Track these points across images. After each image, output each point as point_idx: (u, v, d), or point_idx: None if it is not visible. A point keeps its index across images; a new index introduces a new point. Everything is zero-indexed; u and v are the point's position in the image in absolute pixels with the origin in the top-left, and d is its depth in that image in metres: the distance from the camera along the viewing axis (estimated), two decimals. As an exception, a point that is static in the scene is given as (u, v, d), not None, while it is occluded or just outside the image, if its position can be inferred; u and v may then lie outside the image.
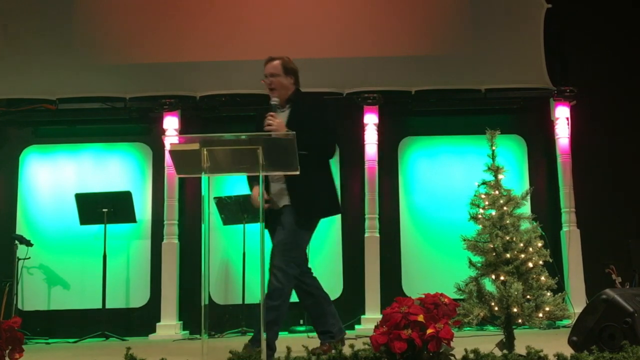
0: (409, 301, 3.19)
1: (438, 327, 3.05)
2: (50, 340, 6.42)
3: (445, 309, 3.27)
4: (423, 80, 6.89)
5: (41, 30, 7.03)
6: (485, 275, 3.61)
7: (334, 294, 6.82)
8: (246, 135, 3.74)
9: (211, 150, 3.66)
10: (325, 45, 6.97)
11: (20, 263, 6.61)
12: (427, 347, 3.03)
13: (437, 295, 3.30)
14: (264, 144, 3.66)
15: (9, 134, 7.21)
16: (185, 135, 3.90)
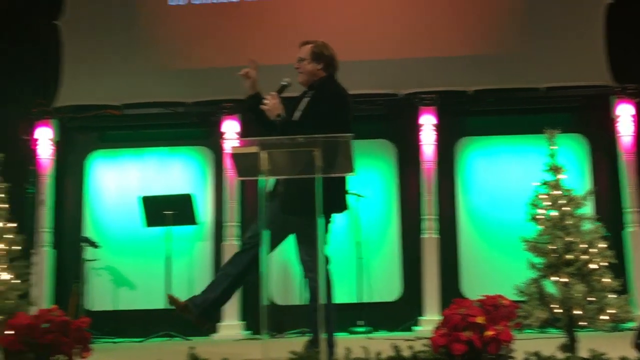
0: (468, 303, 3.20)
1: (498, 329, 3.05)
2: (117, 339, 6.62)
3: (505, 311, 3.26)
4: (480, 80, 6.84)
5: (106, 38, 7.26)
6: (546, 277, 3.58)
7: (392, 295, 6.84)
8: (303, 137, 3.79)
9: (270, 152, 3.73)
10: (381, 47, 6.99)
11: (88, 264, 6.85)
12: (486, 349, 3.03)
13: (496, 297, 3.29)
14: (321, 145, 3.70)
15: (76, 139, 7.47)
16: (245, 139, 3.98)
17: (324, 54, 4.18)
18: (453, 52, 6.89)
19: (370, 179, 7.01)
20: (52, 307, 3.55)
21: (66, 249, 7.15)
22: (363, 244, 6.70)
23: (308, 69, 4.17)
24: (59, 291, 7.02)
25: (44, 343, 3.31)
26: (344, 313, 6.60)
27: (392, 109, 7.02)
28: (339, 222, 6.67)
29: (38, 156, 7.04)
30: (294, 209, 4.02)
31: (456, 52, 6.89)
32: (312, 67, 4.16)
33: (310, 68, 4.16)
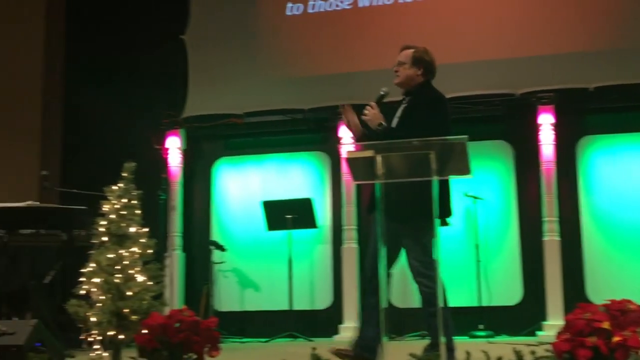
0: (592, 307, 3.12)
1: (625, 335, 2.95)
2: (243, 339, 6.87)
3: (633, 316, 3.15)
4: (602, 76, 6.57)
5: (228, 49, 7.57)
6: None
7: (513, 300, 6.70)
8: (418, 140, 3.81)
9: (385, 156, 3.78)
10: (497, 46, 6.87)
11: (215, 267, 7.16)
12: (614, 356, 2.94)
13: (623, 302, 3.18)
14: (436, 148, 3.71)
15: (202, 147, 7.82)
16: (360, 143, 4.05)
17: (424, 59, 4.17)
18: (572, 48, 6.66)
19: (488, 181, 6.90)
20: (183, 307, 3.63)
21: (195, 252, 7.49)
22: (482, 246, 6.61)
23: (407, 73, 4.17)
24: (189, 292, 7.34)
25: (176, 342, 3.40)
26: (463, 317, 6.58)
27: (510, 109, 6.88)
28: (457, 225, 6.69)
29: (169, 164, 7.44)
30: (399, 215, 3.97)
31: (575, 48, 6.66)
32: (412, 72, 4.16)
33: (409, 72, 4.17)
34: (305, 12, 7.47)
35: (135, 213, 4.24)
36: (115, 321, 3.98)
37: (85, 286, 4.09)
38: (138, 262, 4.13)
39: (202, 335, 3.51)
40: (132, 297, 4.03)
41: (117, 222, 4.17)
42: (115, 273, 4.05)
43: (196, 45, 7.67)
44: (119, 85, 7.82)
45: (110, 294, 4.02)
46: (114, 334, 4.01)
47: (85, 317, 4.03)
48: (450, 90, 6.82)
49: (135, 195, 4.27)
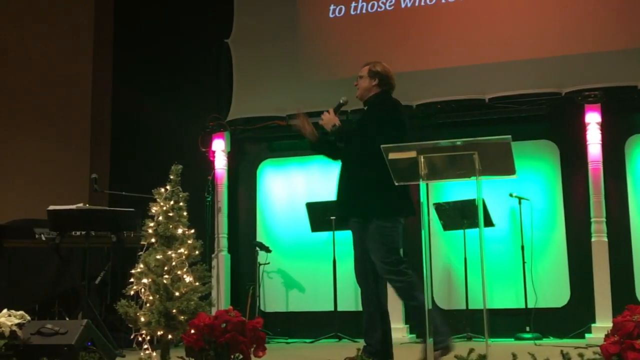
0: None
1: (676, 337, 2.91)
2: (289, 340, 6.92)
3: (684, 318, 3.09)
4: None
5: (271, 52, 7.65)
6: None
7: (561, 301, 6.60)
8: (461, 141, 3.81)
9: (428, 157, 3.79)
10: (542, 44, 6.79)
11: (261, 268, 7.23)
12: (663, 359, 2.90)
13: (674, 304, 3.12)
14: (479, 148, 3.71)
15: (247, 150, 7.92)
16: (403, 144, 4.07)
17: (379, 71, 4.47)
18: (619, 46, 6.53)
19: (534, 181, 6.82)
20: (229, 308, 3.66)
21: (241, 253, 7.58)
22: (527, 248, 6.53)
23: (364, 86, 4.48)
24: (235, 293, 7.43)
25: (223, 342, 3.44)
26: (510, 319, 6.53)
27: (555, 109, 6.78)
28: (502, 226, 6.63)
29: (214, 166, 7.55)
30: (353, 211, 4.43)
31: (622, 45, 6.52)
32: (368, 84, 4.47)
33: (366, 84, 4.47)
34: (348, 14, 7.50)
35: (182, 215, 4.29)
36: (163, 321, 4.02)
37: (135, 287, 4.15)
38: (185, 263, 4.18)
39: (248, 335, 3.54)
40: (180, 298, 4.08)
41: (165, 223, 4.22)
42: (164, 274, 4.10)
43: (240, 48, 7.78)
44: (166, 89, 7.98)
45: (159, 295, 4.08)
46: (162, 333, 4.07)
47: (134, 317, 4.09)
48: (494, 90, 6.82)
49: (182, 197, 4.32)
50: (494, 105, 6.85)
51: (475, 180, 3.77)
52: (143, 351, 4.11)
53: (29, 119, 8.36)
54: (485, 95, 6.90)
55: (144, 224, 4.30)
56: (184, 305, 4.03)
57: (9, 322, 3.75)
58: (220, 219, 7.41)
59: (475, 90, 6.92)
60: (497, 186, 6.56)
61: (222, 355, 3.49)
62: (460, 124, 6.99)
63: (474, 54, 6.95)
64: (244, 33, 7.80)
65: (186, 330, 3.69)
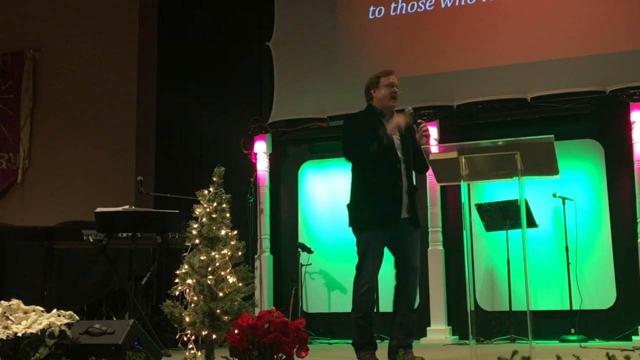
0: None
1: None
2: (332, 340, 6.95)
3: None
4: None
5: (312, 54, 7.70)
6: None
7: (606, 303, 6.49)
8: (503, 141, 3.79)
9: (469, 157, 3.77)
10: (584, 42, 6.69)
11: (303, 269, 7.27)
12: None
13: None
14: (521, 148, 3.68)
15: (288, 151, 7.97)
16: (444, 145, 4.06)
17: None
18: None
19: (578, 181, 6.72)
20: (272, 308, 3.66)
21: (283, 254, 7.64)
22: (572, 249, 6.44)
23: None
24: (278, 294, 7.50)
25: (266, 342, 3.45)
26: (554, 321, 6.44)
27: (600, 107, 6.68)
28: (546, 227, 6.55)
29: (256, 168, 7.62)
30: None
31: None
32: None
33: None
34: (387, 15, 7.50)
35: (225, 216, 4.33)
36: (207, 321, 4.06)
37: (179, 287, 4.19)
38: (228, 264, 4.21)
39: (291, 336, 3.55)
40: (224, 298, 4.11)
41: (209, 225, 4.26)
42: (207, 275, 4.14)
43: (281, 51, 7.85)
44: (208, 93, 8.09)
45: (203, 295, 4.11)
46: (206, 333, 4.11)
47: (179, 317, 4.14)
48: (535, 89, 6.75)
49: (225, 199, 4.36)
50: (536, 104, 6.78)
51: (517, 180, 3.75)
52: (188, 351, 4.14)
53: (77, 124, 8.59)
54: (528, 94, 6.83)
55: (188, 226, 4.34)
56: (227, 306, 4.07)
57: (59, 321, 3.84)
58: (263, 220, 7.47)
59: (517, 90, 6.86)
60: (540, 186, 6.49)
61: (266, 355, 3.51)
62: (502, 124, 6.94)
63: (515, 53, 6.89)
64: (285, 35, 7.87)
65: (230, 330, 3.71)
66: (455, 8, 7.22)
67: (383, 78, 4.51)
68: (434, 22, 7.29)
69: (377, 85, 4.51)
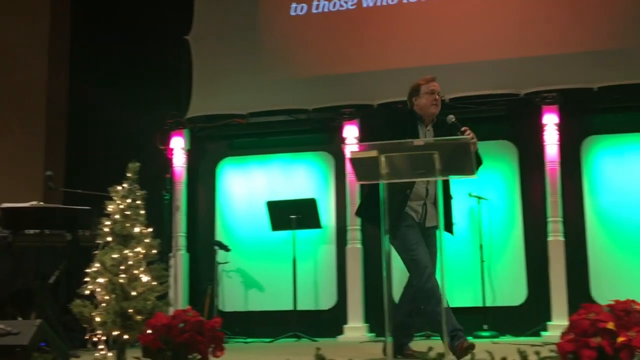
0: (597, 308, 3.10)
1: (630, 335, 2.94)
2: (248, 339, 6.87)
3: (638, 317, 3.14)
4: (606, 76, 6.56)
5: (231, 50, 7.58)
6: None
7: (518, 300, 6.69)
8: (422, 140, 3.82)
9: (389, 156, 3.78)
10: (501, 46, 6.87)
11: (219, 267, 7.16)
12: (618, 356, 2.93)
13: (628, 302, 3.17)
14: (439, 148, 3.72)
15: (206, 148, 7.83)
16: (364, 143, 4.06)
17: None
18: (576, 48, 6.66)
19: (492, 181, 6.89)
20: (187, 307, 3.63)
21: (199, 252, 7.50)
22: (486, 247, 6.60)
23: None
24: (193, 292, 7.35)
25: (181, 342, 3.40)
26: (468, 317, 6.57)
27: (514, 109, 6.87)
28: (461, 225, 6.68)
29: (173, 164, 7.45)
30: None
31: (579, 48, 6.65)
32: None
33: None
34: (310, 12, 7.48)
35: (140, 213, 4.25)
36: (119, 321, 3.98)
37: (90, 286, 4.09)
38: (142, 263, 4.14)
39: (207, 335, 3.51)
40: (137, 297, 4.03)
41: (122, 222, 4.17)
42: (120, 273, 4.05)
43: (200, 45, 7.69)
44: (124, 85, 7.85)
45: (115, 294, 4.03)
46: (118, 334, 4.01)
47: (89, 317, 4.04)
48: (454, 91, 6.87)
49: (140, 195, 4.28)
50: (454, 105, 6.89)
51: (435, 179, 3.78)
52: (98, 351, 4.05)
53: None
54: (446, 95, 6.91)
55: (100, 223, 4.23)
56: (140, 305, 3.99)
57: (-41, 322, 3.64)
58: (179, 217, 7.33)
59: (438, 91, 6.95)
60: (456, 186, 6.59)
61: (180, 355, 3.45)
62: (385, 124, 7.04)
63: (434, 55, 7.00)
64: (204, 29, 7.72)
65: (143, 330, 3.63)
66: (377, 8, 7.27)
67: (424, 86, 4.48)
68: (356, 21, 7.32)
69: (418, 92, 4.48)
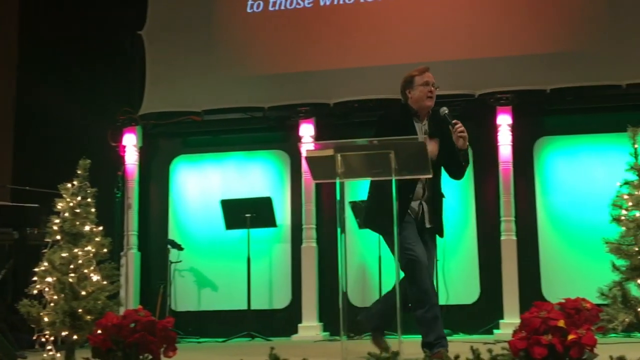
0: (548, 306, 3.15)
1: (580, 333, 2.99)
2: (201, 339, 6.81)
3: (588, 315, 3.19)
4: (558, 78, 6.68)
5: (186, 46, 7.49)
6: (631, 280, 3.49)
7: (471, 298, 6.77)
8: (378, 140, 3.82)
9: (345, 155, 3.78)
10: (456, 47, 6.93)
11: (172, 266, 7.08)
12: (569, 354, 2.97)
13: (578, 300, 3.22)
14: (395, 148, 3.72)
15: (160, 145, 7.72)
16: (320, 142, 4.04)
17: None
18: (529, 51, 6.76)
19: (446, 180, 6.92)
20: (138, 307, 3.62)
21: (151, 251, 7.40)
22: (439, 245, 6.62)
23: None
24: (145, 292, 7.26)
25: (132, 342, 3.39)
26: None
27: (468, 110, 6.93)
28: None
29: (125, 162, 7.33)
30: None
31: (533, 51, 6.75)
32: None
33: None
34: (266, 10, 7.42)
35: (90, 211, 4.24)
36: (68, 321, 3.95)
37: (38, 286, 4.08)
38: (92, 262, 4.13)
39: (158, 335, 3.49)
40: (86, 297, 4.03)
41: (71, 220, 4.17)
42: (69, 272, 4.06)
43: (154, 41, 7.57)
44: (75, 81, 7.69)
45: (64, 294, 4.01)
46: (67, 334, 3.99)
47: (37, 317, 4.00)
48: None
49: (90, 193, 4.25)
50: (411, 105, 6.94)
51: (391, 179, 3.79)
52: (46, 352, 4.03)
53: None
54: (401, 95, 6.96)
55: (49, 221, 4.21)
56: (90, 305, 3.96)
57: None
58: (130, 215, 7.22)
59: (392, 90, 6.95)
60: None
61: (131, 356, 3.42)
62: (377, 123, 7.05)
63: (390, 54, 7.02)
64: (158, 25, 7.60)
65: (93, 330, 3.60)
66: (334, 7, 7.27)
67: (417, 77, 4.28)
68: (313, 20, 7.30)
69: (412, 85, 4.27)
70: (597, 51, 6.64)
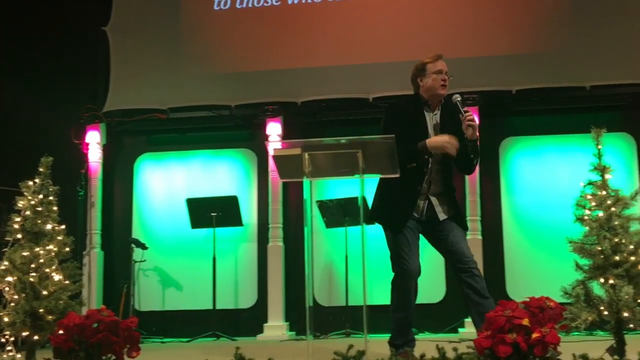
0: (513, 305, 3.17)
1: (544, 332, 3.01)
2: (165, 339, 6.75)
3: (551, 313, 3.22)
4: (524, 79, 6.77)
5: (152, 43, 7.41)
6: (593, 279, 3.52)
7: (436, 298, 6.81)
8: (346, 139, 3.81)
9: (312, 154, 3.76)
10: (421, 47, 6.94)
11: (136, 265, 6.99)
12: (532, 352, 3.00)
13: (542, 299, 3.25)
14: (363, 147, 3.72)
15: (124, 143, 7.63)
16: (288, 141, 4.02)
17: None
18: (495, 52, 6.84)
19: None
20: (101, 307, 3.57)
21: (115, 250, 7.33)
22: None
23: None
24: (108, 292, 7.19)
25: (94, 342, 3.35)
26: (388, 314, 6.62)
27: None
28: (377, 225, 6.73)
29: (88, 159, 7.23)
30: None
31: (498, 52, 6.83)
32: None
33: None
34: (234, 7, 7.39)
35: (52, 210, 4.19)
36: (29, 321, 3.89)
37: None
38: (54, 261, 4.08)
39: (122, 335, 3.46)
40: (48, 297, 3.97)
41: (33, 218, 4.10)
42: (30, 272, 3.98)
43: (119, 37, 7.48)
44: (37, 76, 7.53)
45: (25, 294, 3.95)
46: (28, 334, 3.93)
47: None
48: (375, 90, 6.92)
49: (52, 191, 4.21)
50: (378, 104, 6.95)
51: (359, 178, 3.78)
52: (6, 353, 3.97)
53: None
54: (370, 94, 7.00)
55: (9, 219, 4.14)
56: (52, 305, 3.92)
57: None
58: (93, 214, 7.13)
59: (360, 90, 7.01)
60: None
61: (93, 356, 3.40)
62: (345, 123, 7.09)
63: (359, 54, 7.03)
64: (123, 21, 7.50)
65: (54, 330, 3.56)
66: (302, 5, 7.25)
67: (430, 64, 4.11)
68: (280, 18, 7.28)
69: (424, 72, 4.10)
70: (562, 53, 6.73)
